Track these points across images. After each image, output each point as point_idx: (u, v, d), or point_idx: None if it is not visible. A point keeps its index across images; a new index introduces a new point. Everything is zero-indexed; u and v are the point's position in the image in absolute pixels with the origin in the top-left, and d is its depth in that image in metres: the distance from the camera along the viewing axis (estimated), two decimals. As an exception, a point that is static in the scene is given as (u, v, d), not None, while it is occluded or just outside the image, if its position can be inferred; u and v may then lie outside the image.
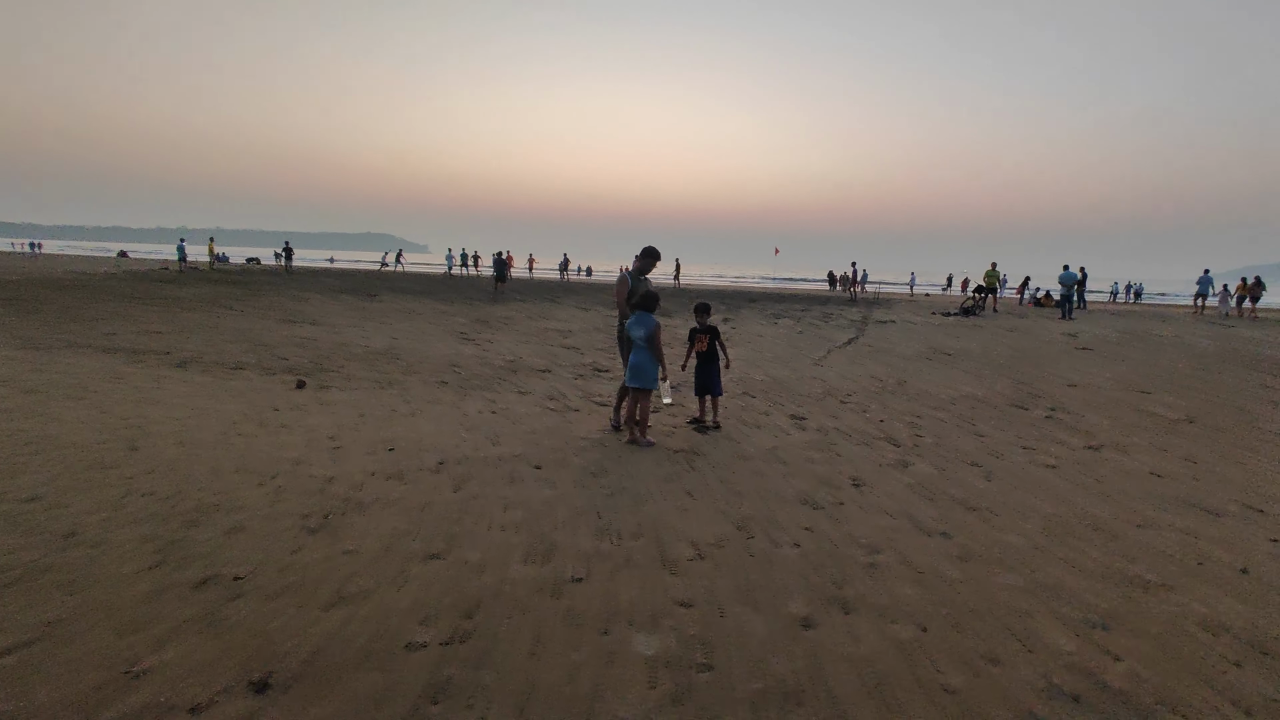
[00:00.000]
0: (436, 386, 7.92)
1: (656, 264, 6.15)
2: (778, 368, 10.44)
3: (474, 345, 11.65)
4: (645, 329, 5.53)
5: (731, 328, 16.46)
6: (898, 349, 13.31)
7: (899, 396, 8.35)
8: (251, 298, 19.17)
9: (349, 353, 10.22)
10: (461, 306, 19.62)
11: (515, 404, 7.12)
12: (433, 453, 5.13)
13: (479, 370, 9.16)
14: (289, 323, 13.87)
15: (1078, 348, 14.32)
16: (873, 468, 5.23)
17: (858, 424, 6.75)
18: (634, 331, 5.61)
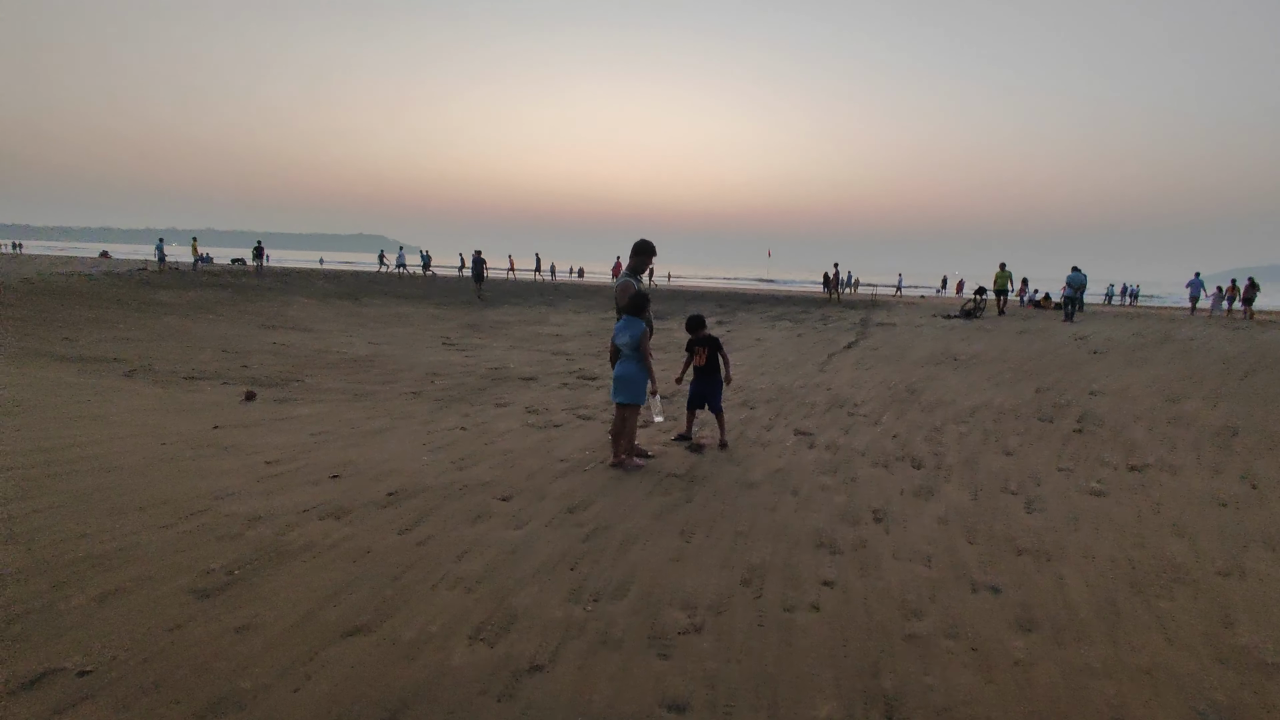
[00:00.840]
0: (411, 398, 7.21)
1: (652, 260, 5.45)
2: (780, 374, 9.74)
3: (460, 352, 10.94)
4: (631, 334, 4.84)
5: (728, 331, 15.77)
6: (905, 353, 12.62)
7: (913, 407, 7.66)
8: (237, 302, 18.46)
9: (325, 360, 9.51)
10: (456, 311, 18.93)
11: (493, 419, 6.41)
12: (387, 480, 4.42)
13: (461, 379, 8.46)
14: (270, 328, 13.16)
15: (1092, 351, 13.66)
16: (896, 496, 4.53)
17: (872, 440, 6.05)
18: (619, 338, 4.92)
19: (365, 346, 11.08)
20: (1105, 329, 18.13)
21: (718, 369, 5.59)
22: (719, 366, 5.60)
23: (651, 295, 5.47)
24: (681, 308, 22.17)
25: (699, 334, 5.62)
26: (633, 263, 5.39)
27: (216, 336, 11.52)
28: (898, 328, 17.49)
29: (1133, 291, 42.45)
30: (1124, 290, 42.17)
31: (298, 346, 10.70)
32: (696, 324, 5.69)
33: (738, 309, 22.35)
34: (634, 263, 5.38)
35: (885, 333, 16.16)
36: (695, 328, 5.66)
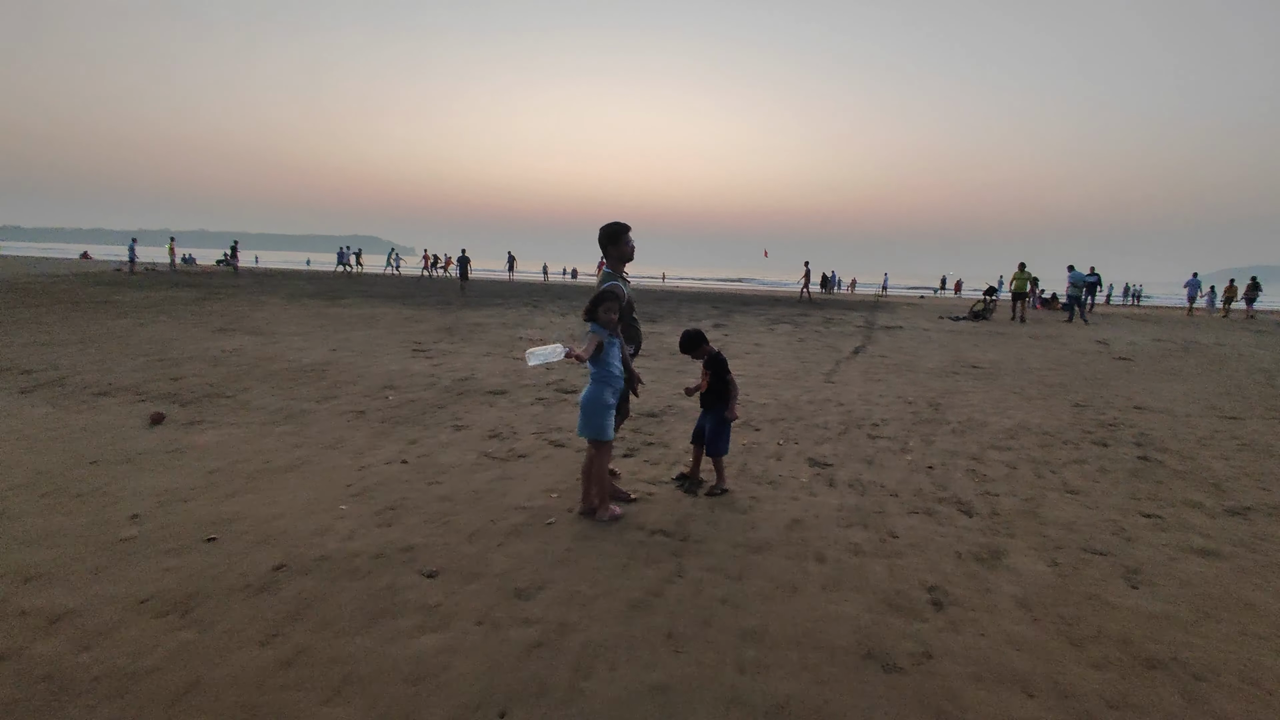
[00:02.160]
0: (351, 420, 6.09)
1: (631, 249, 4.33)
2: (784, 386, 8.66)
3: (426, 359, 9.81)
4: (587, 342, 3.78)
5: (725, 335, 14.70)
6: (917, 361, 11.57)
7: (941, 427, 6.59)
8: (203, 303, 17.27)
9: (268, 370, 8.36)
10: (432, 312, 17.77)
11: (444, 447, 5.30)
12: (277, 546, 3.31)
13: (418, 394, 7.34)
14: (223, 331, 11.98)
15: (1116, 358, 12.67)
16: (952, 562, 3.45)
17: (904, 475, 4.98)
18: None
19: (322, 352, 9.94)
20: (1123, 334, 17.16)
21: (722, 397, 4.44)
22: (722, 393, 4.44)
23: (635, 299, 4.37)
24: (674, 310, 21.09)
25: (698, 354, 4.48)
26: (615, 252, 4.24)
27: (159, 341, 10.36)
28: (904, 331, 16.47)
29: (1135, 292, 41.67)
30: (1126, 290, 41.39)
31: (246, 353, 9.55)
32: (691, 343, 4.49)
33: (734, 311, 21.29)
34: (610, 255, 4.26)
35: (891, 337, 15.13)
36: (690, 347, 4.49)
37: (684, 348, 4.47)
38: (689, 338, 4.46)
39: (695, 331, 4.48)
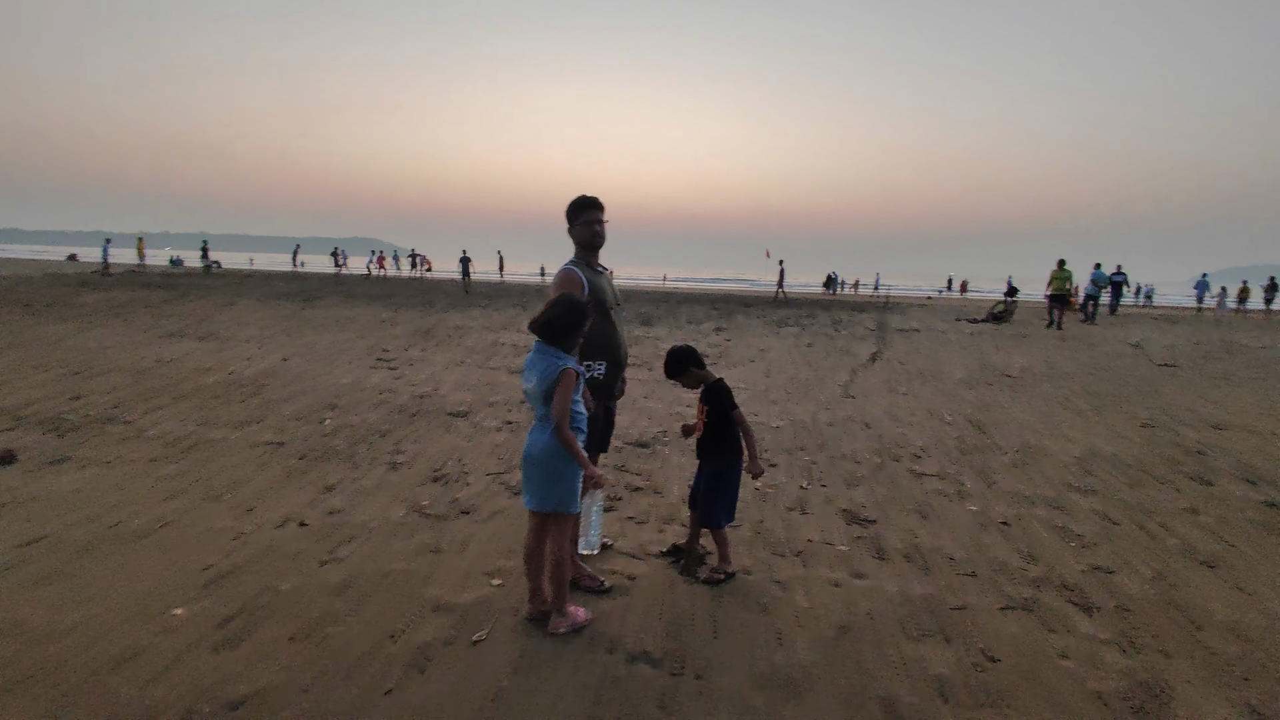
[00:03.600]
0: (264, 454, 4.86)
1: (595, 232, 3.14)
2: (797, 400, 7.44)
3: (388, 369, 8.58)
4: (539, 377, 2.56)
5: (727, 339, 13.47)
6: (941, 368, 10.35)
7: (994, 456, 5.38)
8: (168, 303, 16.00)
9: (196, 385, 7.14)
10: (411, 314, 16.53)
11: (367, 495, 4.07)
12: (38, 691, 2.09)
13: (363, 415, 6.12)
14: (171, 337, 10.74)
15: (1159, 364, 11.45)
16: (1097, 714, 2.23)
17: (970, 533, 3.76)
18: (525, 381, 2.63)
19: (272, 361, 8.72)
20: (1154, 335, 15.92)
21: (724, 443, 3.16)
22: (728, 440, 3.16)
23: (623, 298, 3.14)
24: (672, 310, 19.83)
25: (687, 380, 3.20)
26: (579, 235, 3.13)
27: (89, 350, 9.13)
28: (920, 334, 15.24)
29: (1148, 291, 40.47)
30: (1138, 290, 40.17)
31: (182, 363, 8.33)
32: (677, 364, 3.17)
33: (735, 312, 20.05)
34: (574, 235, 3.13)
35: (908, 341, 13.90)
36: (676, 370, 3.18)
37: (670, 371, 3.19)
38: (675, 358, 3.16)
39: (683, 350, 3.18)
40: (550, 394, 2.51)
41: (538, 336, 2.56)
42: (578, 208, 3.10)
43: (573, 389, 2.51)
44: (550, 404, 2.52)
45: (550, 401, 2.52)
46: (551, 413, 2.51)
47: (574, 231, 3.09)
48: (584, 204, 3.11)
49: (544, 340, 2.56)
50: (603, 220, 3.14)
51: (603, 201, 3.15)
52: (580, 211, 3.09)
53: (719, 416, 3.12)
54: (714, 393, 3.14)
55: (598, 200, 3.12)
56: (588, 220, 3.10)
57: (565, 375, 2.49)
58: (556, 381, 2.48)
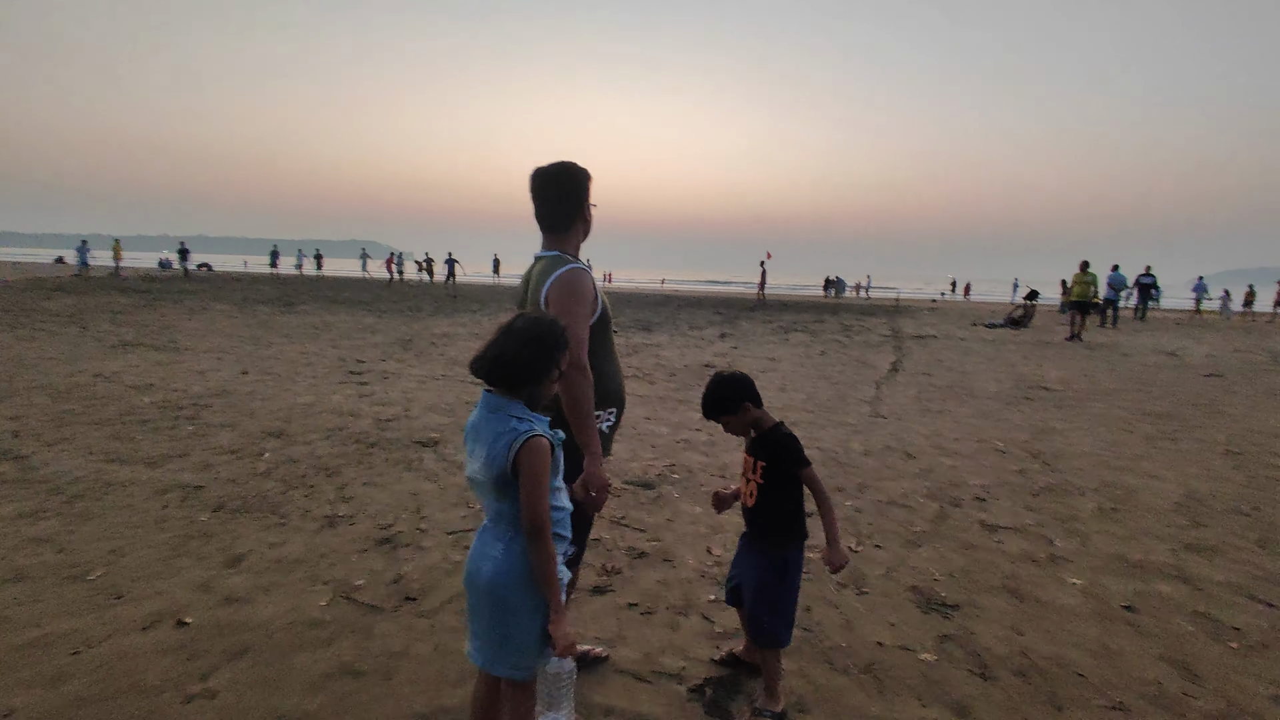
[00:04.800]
0: (172, 503, 3.87)
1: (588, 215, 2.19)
2: (822, 423, 6.47)
3: (356, 386, 7.60)
4: (488, 453, 1.58)
5: (734, 347, 12.52)
6: (970, 382, 9.40)
7: (1074, 499, 4.42)
8: (136, 309, 15.03)
9: (126, 406, 6.16)
10: (395, 320, 15.57)
11: (286, 568, 3.09)
12: None
13: (311, 446, 5.15)
14: (124, 348, 9.75)
15: (1205, 375, 10.52)
16: None
17: (1092, 628, 2.79)
18: (468, 459, 1.66)
19: (227, 376, 7.74)
20: (1188, 343, 14.97)
21: (789, 521, 2.17)
22: (793, 515, 2.17)
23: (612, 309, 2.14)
24: (672, 316, 18.87)
25: (737, 421, 2.19)
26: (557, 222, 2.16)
27: (21, 362, 8.14)
28: (939, 341, 14.29)
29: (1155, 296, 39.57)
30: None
31: (119, 379, 7.34)
32: (728, 399, 2.15)
33: (739, 317, 19.10)
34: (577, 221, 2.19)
35: (927, 349, 12.95)
36: (720, 408, 2.18)
37: (713, 408, 2.18)
38: (723, 390, 2.15)
39: (734, 380, 2.15)
40: (506, 482, 1.54)
41: (484, 382, 1.59)
42: (588, 180, 2.15)
43: (547, 473, 1.54)
44: (507, 499, 1.55)
45: (507, 494, 1.55)
46: (521, 517, 1.53)
47: (577, 215, 2.14)
48: (586, 175, 2.15)
49: (495, 389, 1.59)
50: None
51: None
52: (575, 193, 2.14)
53: (780, 479, 2.14)
54: (775, 444, 2.14)
55: (587, 174, 2.16)
56: (582, 210, 2.16)
57: (531, 450, 1.52)
58: (514, 461, 1.51)
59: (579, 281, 1.99)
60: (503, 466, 1.53)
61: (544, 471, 1.53)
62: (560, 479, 1.68)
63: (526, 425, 1.55)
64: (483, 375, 1.58)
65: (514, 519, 1.57)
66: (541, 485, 1.52)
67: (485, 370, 1.57)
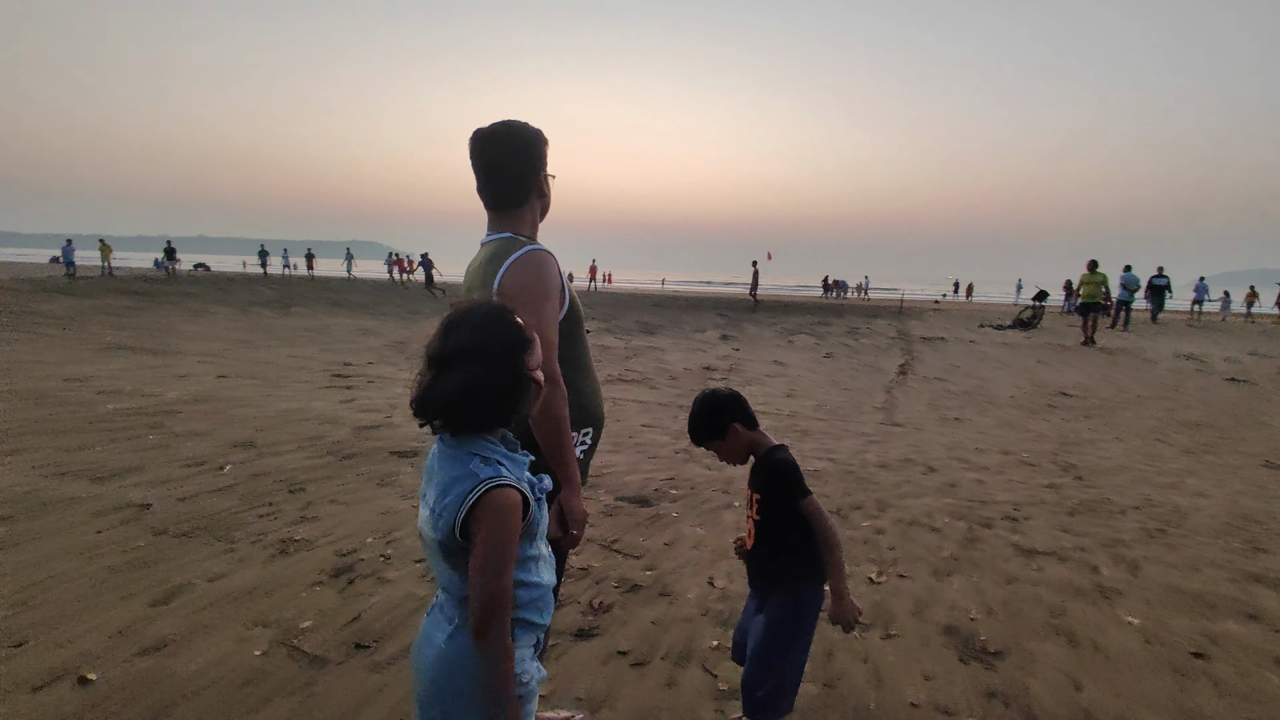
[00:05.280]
0: (113, 524, 3.48)
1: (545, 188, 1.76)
2: (835, 432, 6.06)
3: (341, 391, 7.22)
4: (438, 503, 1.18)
5: (736, 350, 12.11)
6: (988, 386, 8.99)
7: (1116, 520, 3.99)
8: (128, 312, 14.62)
9: (90, 414, 5.76)
10: (393, 323, 15.21)
11: (226, 604, 2.69)
12: None
13: (283, 457, 4.76)
14: (110, 350, 9.38)
15: (1228, 379, 10.09)
16: None
17: (1158, 680, 2.37)
18: (421, 508, 1.25)
19: (207, 381, 7.36)
20: (1206, 347, 14.50)
21: (788, 561, 1.73)
22: (794, 555, 1.72)
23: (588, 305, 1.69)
24: (675, 318, 18.44)
25: (726, 445, 1.77)
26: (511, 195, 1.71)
27: None
28: (948, 343, 13.87)
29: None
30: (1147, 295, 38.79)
31: (90, 384, 6.96)
32: (711, 418, 1.75)
33: (742, 319, 18.68)
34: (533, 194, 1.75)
35: (937, 352, 12.53)
36: (707, 428, 1.76)
37: (699, 431, 1.78)
38: (705, 411, 1.76)
39: (717, 398, 1.77)
40: (456, 548, 1.15)
41: (434, 422, 1.20)
42: (543, 143, 1.73)
43: (514, 541, 1.15)
44: (459, 568, 1.16)
45: (458, 563, 1.16)
46: (469, 597, 1.14)
47: (532, 188, 1.72)
48: (546, 140, 1.74)
49: (449, 428, 1.20)
50: None
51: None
52: (545, 150, 1.73)
53: (778, 514, 1.73)
54: (768, 472, 1.73)
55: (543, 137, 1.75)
56: (537, 179, 1.73)
57: (493, 508, 1.13)
58: (466, 520, 1.13)
59: (543, 266, 1.58)
60: (450, 526, 1.13)
61: (509, 539, 1.13)
62: (541, 542, 1.29)
63: (491, 470, 1.15)
64: (424, 412, 1.18)
65: (465, 599, 1.17)
66: (502, 558, 1.12)
67: (428, 418, 1.18)
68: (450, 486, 1.15)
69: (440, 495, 1.17)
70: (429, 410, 1.17)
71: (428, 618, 1.28)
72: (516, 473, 1.19)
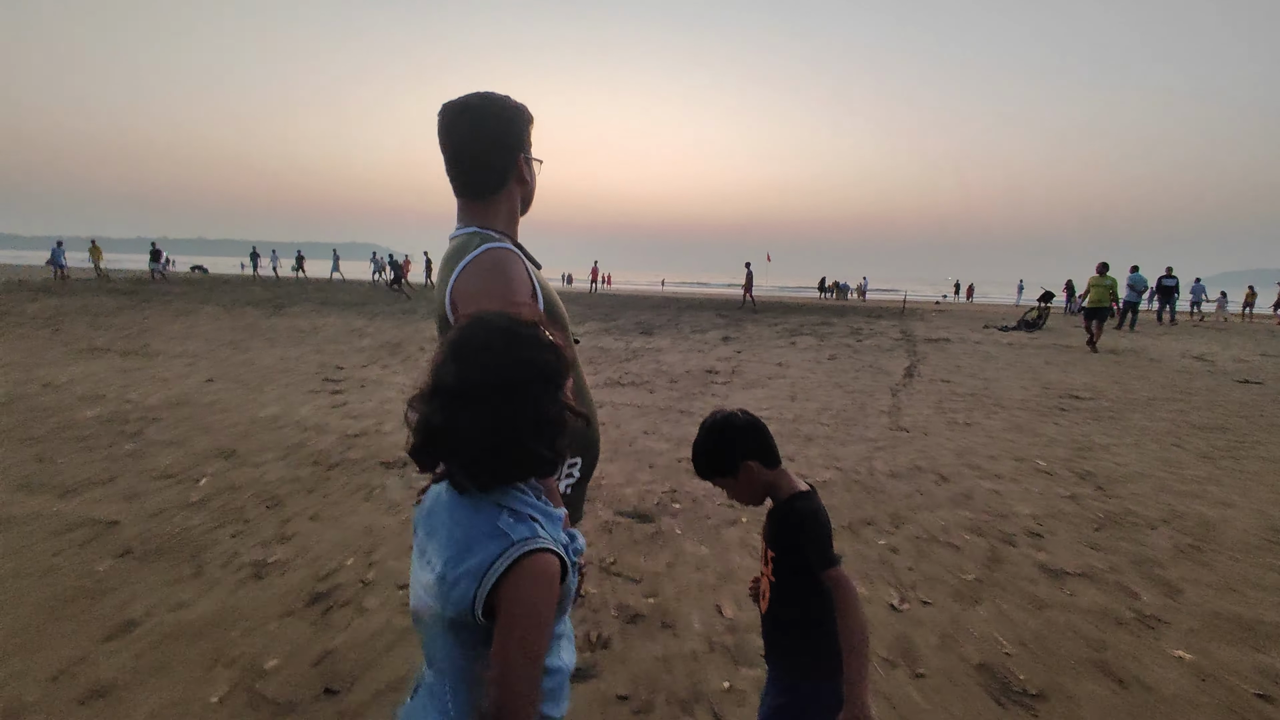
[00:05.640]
0: (73, 544, 3.24)
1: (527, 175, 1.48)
2: (840, 437, 5.82)
3: (329, 395, 6.97)
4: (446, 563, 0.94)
5: (738, 352, 11.87)
6: (995, 389, 8.75)
7: (1145, 536, 3.76)
8: (115, 313, 14.36)
9: (65, 420, 5.53)
10: (387, 324, 14.93)
11: (183, 641, 2.45)
12: None
13: (263, 468, 4.51)
14: (92, 353, 9.13)
15: (1240, 381, 9.86)
16: None
17: (1218, 726, 2.14)
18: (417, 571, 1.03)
19: (190, 385, 7.11)
20: (1214, 348, 14.28)
21: (805, 639, 1.44)
22: (813, 633, 1.43)
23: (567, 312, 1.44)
24: (674, 319, 18.22)
25: (739, 484, 1.47)
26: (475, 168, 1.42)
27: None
28: (953, 345, 13.64)
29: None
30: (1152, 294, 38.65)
31: (70, 389, 6.71)
32: (720, 453, 1.46)
33: (743, 320, 18.45)
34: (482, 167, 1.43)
35: (942, 353, 12.29)
36: (715, 462, 1.47)
37: (705, 464, 1.49)
38: (711, 439, 1.47)
39: (726, 424, 1.46)
40: (471, 627, 0.93)
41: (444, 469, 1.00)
42: (525, 121, 1.46)
43: (550, 620, 0.93)
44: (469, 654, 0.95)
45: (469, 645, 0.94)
46: (486, 697, 0.89)
47: (510, 172, 1.45)
48: (530, 118, 1.48)
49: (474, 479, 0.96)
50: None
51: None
52: (527, 128, 1.47)
53: (796, 579, 1.45)
54: (786, 527, 1.44)
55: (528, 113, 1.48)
56: (517, 158, 1.46)
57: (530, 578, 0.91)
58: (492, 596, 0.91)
59: (504, 268, 1.32)
60: (467, 602, 0.90)
61: (548, 618, 0.90)
62: (566, 617, 1.07)
63: (526, 529, 0.92)
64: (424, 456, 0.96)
65: (473, 685, 0.94)
66: (538, 644, 0.89)
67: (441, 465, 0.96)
68: (470, 548, 0.91)
69: (455, 558, 0.92)
70: (447, 457, 0.94)
71: (412, 701, 1.04)
72: (553, 532, 0.97)
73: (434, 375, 0.95)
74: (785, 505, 1.46)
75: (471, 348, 0.94)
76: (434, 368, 0.96)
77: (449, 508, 0.98)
